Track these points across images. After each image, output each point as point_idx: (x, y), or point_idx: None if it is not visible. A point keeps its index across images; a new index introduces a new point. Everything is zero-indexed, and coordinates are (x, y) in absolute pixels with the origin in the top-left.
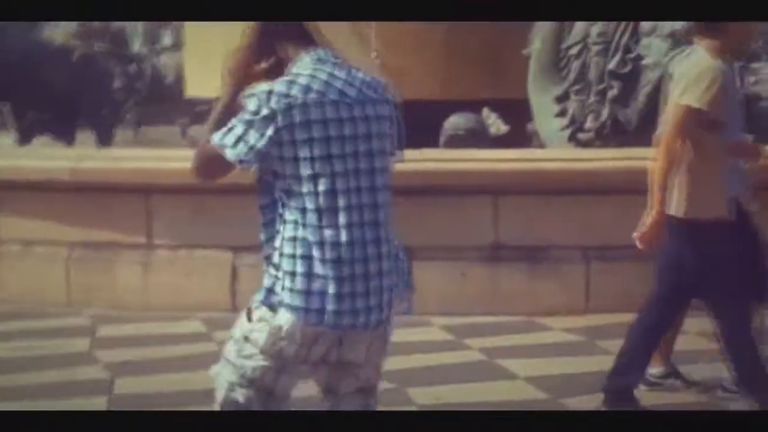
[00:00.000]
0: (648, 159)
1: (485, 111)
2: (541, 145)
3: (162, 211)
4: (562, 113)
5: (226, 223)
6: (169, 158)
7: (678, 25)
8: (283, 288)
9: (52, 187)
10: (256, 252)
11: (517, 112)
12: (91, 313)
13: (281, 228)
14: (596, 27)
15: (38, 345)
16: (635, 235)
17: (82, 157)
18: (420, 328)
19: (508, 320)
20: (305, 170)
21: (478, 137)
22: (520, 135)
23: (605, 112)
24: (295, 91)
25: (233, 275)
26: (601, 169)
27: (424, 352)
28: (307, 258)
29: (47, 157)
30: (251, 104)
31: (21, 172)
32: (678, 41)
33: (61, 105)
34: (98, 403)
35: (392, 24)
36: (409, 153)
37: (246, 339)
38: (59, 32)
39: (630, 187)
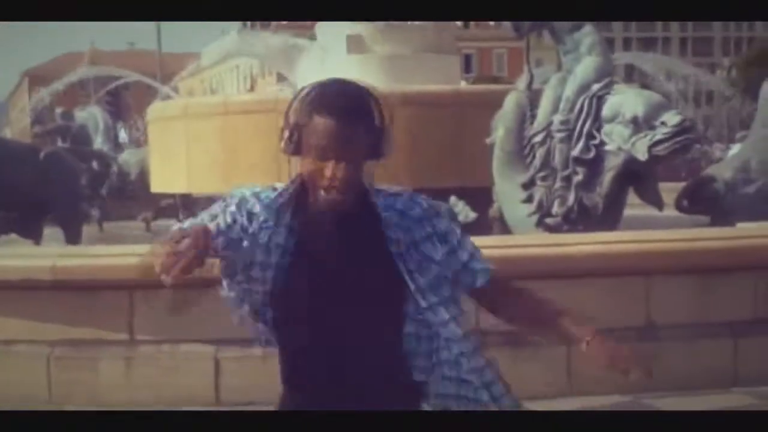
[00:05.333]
0: (622, 242)
1: (453, 199)
2: (505, 231)
3: (143, 306)
4: (528, 199)
5: (208, 317)
6: (149, 254)
7: (640, 111)
8: None
9: (31, 285)
10: (239, 345)
11: (480, 200)
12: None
13: None
14: (558, 115)
15: None
16: None
17: (62, 254)
18: None
19: None
20: None
21: None
22: (484, 222)
23: (571, 197)
24: None
25: (216, 369)
26: (576, 254)
27: None
28: None
29: (26, 256)
30: None
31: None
32: (639, 127)
33: (28, 203)
34: None
35: None
36: None
37: None
38: (22, 131)
39: (605, 271)
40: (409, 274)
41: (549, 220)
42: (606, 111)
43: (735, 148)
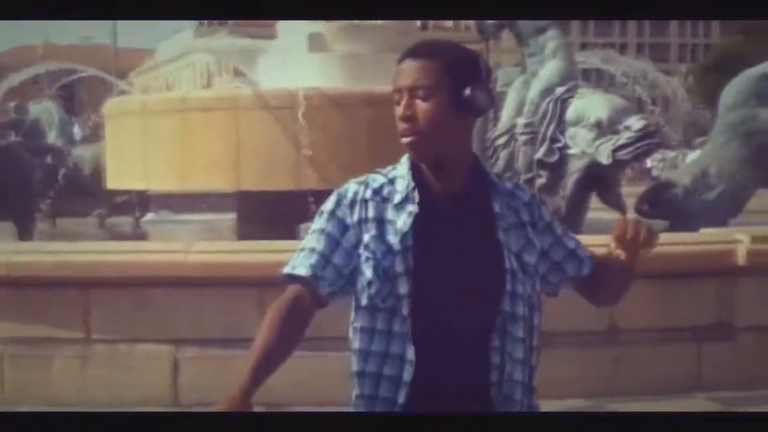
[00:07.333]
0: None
1: None
2: None
3: (100, 304)
4: None
5: (166, 316)
6: (108, 251)
7: (604, 115)
8: None
9: None
10: (197, 345)
11: None
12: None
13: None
14: (522, 118)
15: None
16: None
17: (17, 251)
18: None
19: None
20: None
21: None
22: None
23: None
24: None
25: (174, 369)
26: None
27: None
28: None
29: None
30: None
31: None
32: (603, 131)
33: None
34: None
35: (319, 110)
36: None
37: None
38: None
39: None
40: (509, 252)
41: None
42: (570, 114)
43: (693, 154)
